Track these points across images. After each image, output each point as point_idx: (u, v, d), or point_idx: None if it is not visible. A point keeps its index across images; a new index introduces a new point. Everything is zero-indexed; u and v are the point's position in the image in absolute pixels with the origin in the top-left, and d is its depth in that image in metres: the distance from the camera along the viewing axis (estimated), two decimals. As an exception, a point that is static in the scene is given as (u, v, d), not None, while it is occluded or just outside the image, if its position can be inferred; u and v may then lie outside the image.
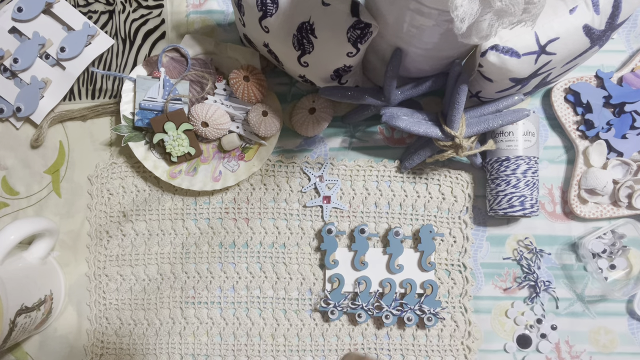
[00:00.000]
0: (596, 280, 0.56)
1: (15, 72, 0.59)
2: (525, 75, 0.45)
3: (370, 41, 0.45)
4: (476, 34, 0.34)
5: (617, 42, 0.58)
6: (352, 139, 0.59)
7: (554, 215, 0.57)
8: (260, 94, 0.54)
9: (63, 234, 0.58)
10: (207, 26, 0.60)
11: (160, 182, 0.58)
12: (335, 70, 0.49)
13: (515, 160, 0.52)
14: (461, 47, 0.45)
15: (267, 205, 0.57)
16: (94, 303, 0.57)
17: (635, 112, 0.54)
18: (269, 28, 0.47)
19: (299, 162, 0.58)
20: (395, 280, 0.55)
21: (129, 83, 0.57)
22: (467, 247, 0.56)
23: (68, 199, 0.59)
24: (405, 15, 0.40)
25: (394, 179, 0.57)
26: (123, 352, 0.56)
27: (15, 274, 0.50)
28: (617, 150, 0.55)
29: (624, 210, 0.55)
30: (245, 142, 0.57)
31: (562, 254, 0.57)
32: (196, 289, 0.57)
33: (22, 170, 0.60)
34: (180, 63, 0.57)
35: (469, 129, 0.50)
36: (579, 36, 0.43)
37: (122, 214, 0.58)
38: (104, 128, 0.60)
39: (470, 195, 0.57)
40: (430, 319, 0.54)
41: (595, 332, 0.55)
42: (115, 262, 0.58)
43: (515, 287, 0.56)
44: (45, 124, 0.59)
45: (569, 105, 0.56)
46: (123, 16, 0.61)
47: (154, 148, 0.57)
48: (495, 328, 0.56)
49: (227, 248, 0.57)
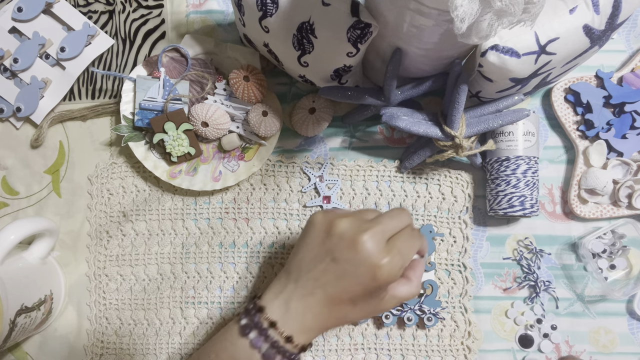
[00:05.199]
0: (596, 280, 0.56)
1: (15, 72, 0.59)
2: (525, 75, 0.45)
3: (370, 41, 0.45)
4: (476, 34, 0.34)
5: (617, 42, 0.58)
6: (352, 139, 0.59)
7: (554, 215, 0.57)
8: (260, 94, 0.54)
9: (63, 234, 0.58)
10: (207, 26, 0.60)
11: (160, 182, 0.58)
12: (335, 70, 0.49)
13: (515, 160, 0.52)
14: (461, 47, 0.45)
15: (267, 205, 0.57)
16: (94, 303, 0.57)
17: (635, 112, 0.54)
18: (269, 28, 0.47)
19: (299, 162, 0.58)
20: (395, 280, 0.55)
21: (129, 83, 0.57)
22: (467, 247, 0.56)
23: (68, 199, 0.59)
24: (405, 15, 0.40)
25: (394, 179, 0.57)
26: (123, 352, 0.56)
27: (15, 274, 0.50)
28: (617, 150, 0.55)
29: (624, 210, 0.55)
30: (245, 142, 0.57)
31: (562, 254, 0.57)
32: (196, 289, 0.57)
33: (22, 170, 0.60)
34: (180, 63, 0.57)
35: (469, 129, 0.50)
36: (579, 36, 0.43)
37: (122, 214, 0.58)
38: (104, 128, 0.60)
39: (470, 195, 0.57)
40: (430, 319, 0.54)
41: (595, 332, 0.55)
42: (115, 262, 0.58)
43: (515, 287, 0.56)
44: (45, 124, 0.59)
45: (569, 105, 0.56)
46: (123, 16, 0.61)
47: (154, 148, 0.57)
48: (495, 328, 0.56)
49: (227, 248, 0.57)
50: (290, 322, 0.40)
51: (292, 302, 0.40)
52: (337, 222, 0.40)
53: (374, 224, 0.40)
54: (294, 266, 0.41)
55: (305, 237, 0.42)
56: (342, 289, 0.39)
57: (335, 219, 0.40)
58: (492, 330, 0.56)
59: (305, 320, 0.40)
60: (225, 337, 0.41)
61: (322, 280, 0.39)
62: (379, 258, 0.38)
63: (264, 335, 0.39)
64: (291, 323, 0.40)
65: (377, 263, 0.38)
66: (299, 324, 0.40)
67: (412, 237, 0.41)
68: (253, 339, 0.39)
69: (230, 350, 0.40)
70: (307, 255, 0.41)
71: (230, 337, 0.40)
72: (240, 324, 0.40)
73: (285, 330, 0.39)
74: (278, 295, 0.41)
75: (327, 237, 0.40)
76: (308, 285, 0.40)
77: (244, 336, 0.39)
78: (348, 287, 0.39)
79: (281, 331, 0.39)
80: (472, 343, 0.55)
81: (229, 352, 0.40)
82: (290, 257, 0.43)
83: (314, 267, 0.40)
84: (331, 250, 0.39)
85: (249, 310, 0.41)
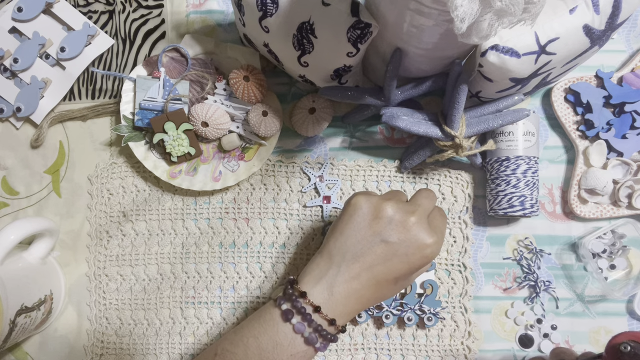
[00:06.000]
0: (596, 280, 0.56)
1: (15, 72, 0.59)
2: (525, 75, 0.45)
3: (370, 41, 0.45)
4: (476, 34, 0.34)
5: (617, 42, 0.58)
6: (352, 139, 0.59)
7: (554, 215, 0.57)
8: (260, 94, 0.54)
9: (63, 234, 0.58)
10: (207, 26, 0.60)
11: (160, 182, 0.58)
12: (335, 70, 0.49)
13: (515, 160, 0.52)
14: (461, 47, 0.45)
15: (267, 205, 0.57)
16: (94, 303, 0.57)
17: (635, 112, 0.54)
18: (269, 28, 0.47)
19: (299, 162, 0.58)
20: (395, 280, 0.55)
21: (129, 83, 0.57)
22: (467, 247, 0.56)
23: (68, 199, 0.59)
24: (405, 15, 0.40)
25: (394, 179, 0.57)
26: (123, 352, 0.56)
27: (15, 274, 0.50)
28: (617, 150, 0.55)
29: (624, 210, 0.55)
30: (245, 142, 0.57)
31: (562, 254, 0.57)
32: (196, 289, 0.57)
33: (22, 170, 0.60)
34: (180, 63, 0.57)
35: (469, 129, 0.50)
36: (579, 36, 0.43)
37: (122, 214, 0.58)
38: (104, 128, 0.60)
39: (470, 195, 0.57)
40: (430, 319, 0.54)
41: (596, 332, 0.55)
42: (115, 262, 0.58)
43: (515, 287, 0.56)
44: (45, 124, 0.59)
45: (569, 105, 0.56)
46: (123, 16, 0.61)
47: (154, 148, 0.57)
48: (495, 328, 0.56)
49: (227, 248, 0.57)
50: (333, 306, 0.40)
51: (335, 286, 0.40)
52: (384, 206, 0.41)
53: (416, 206, 0.42)
54: (337, 249, 0.42)
55: (350, 221, 0.42)
56: (389, 269, 0.41)
57: (381, 203, 0.42)
58: (492, 330, 0.56)
59: (348, 303, 0.41)
60: (264, 320, 0.41)
61: (370, 262, 0.41)
62: (428, 237, 0.41)
63: (308, 320, 0.40)
64: (334, 307, 0.40)
65: (426, 242, 0.41)
66: (342, 306, 0.41)
67: (443, 215, 0.45)
68: (296, 324, 0.40)
69: (271, 333, 0.40)
70: (352, 238, 0.41)
71: (270, 321, 0.41)
72: (281, 308, 0.40)
73: (329, 314, 0.40)
74: (320, 280, 0.41)
75: (375, 220, 0.41)
76: (354, 268, 0.41)
77: (287, 321, 0.40)
78: (396, 266, 0.41)
79: (325, 315, 0.40)
80: (472, 343, 0.55)
81: (269, 335, 0.40)
82: (330, 241, 0.43)
83: (361, 249, 0.41)
84: (380, 233, 0.41)
85: (289, 295, 0.41)
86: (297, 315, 0.40)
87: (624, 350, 0.35)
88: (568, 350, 0.47)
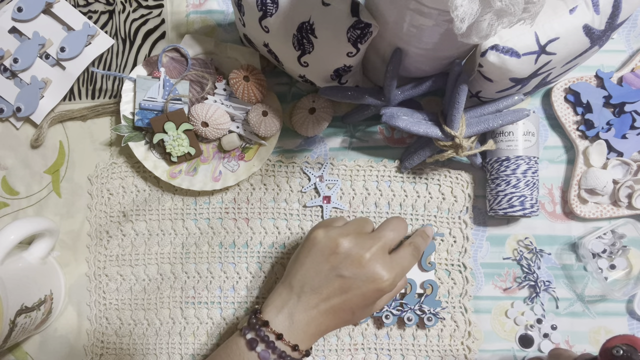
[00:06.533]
0: (596, 280, 0.56)
1: (15, 72, 0.59)
2: (525, 75, 0.45)
3: (370, 41, 0.45)
4: (476, 34, 0.34)
5: (617, 42, 0.58)
6: (352, 139, 0.59)
7: (554, 215, 0.57)
8: (260, 94, 0.54)
9: (63, 234, 0.58)
10: (207, 26, 0.60)
11: (160, 182, 0.58)
12: (335, 70, 0.49)
13: (515, 160, 0.52)
14: (461, 47, 0.45)
15: (267, 205, 0.57)
16: (94, 303, 0.57)
17: (635, 112, 0.54)
18: (269, 28, 0.47)
19: (299, 162, 0.58)
20: (395, 280, 0.55)
21: (129, 83, 0.57)
22: (467, 247, 0.56)
23: (68, 199, 0.59)
24: (405, 15, 0.40)
25: (394, 179, 0.57)
26: (123, 352, 0.56)
27: (15, 274, 0.50)
28: (617, 150, 0.55)
29: (624, 210, 0.55)
30: (245, 142, 0.57)
31: (562, 254, 0.57)
32: (196, 289, 0.57)
33: (22, 170, 0.60)
34: (180, 63, 0.57)
35: (469, 129, 0.50)
36: (579, 36, 0.43)
37: (122, 214, 0.58)
38: (104, 128, 0.60)
39: (470, 195, 0.57)
40: (430, 319, 0.54)
41: (596, 332, 0.55)
42: (115, 262, 0.58)
43: (515, 287, 0.56)
44: (45, 124, 0.59)
45: (569, 105, 0.56)
46: (123, 16, 0.61)
47: (154, 148, 0.57)
48: (495, 328, 0.56)
49: (227, 248, 0.57)
50: (295, 333, 0.42)
51: (295, 314, 0.43)
52: (341, 241, 0.43)
53: (376, 240, 0.44)
54: (296, 281, 0.44)
55: (308, 254, 0.44)
56: (345, 301, 0.43)
57: (338, 238, 0.43)
58: (492, 330, 0.56)
59: (309, 329, 0.43)
60: (231, 350, 0.43)
61: (327, 294, 0.43)
62: (384, 272, 0.42)
63: (272, 348, 0.42)
64: (296, 333, 0.42)
65: (381, 278, 0.42)
66: (303, 333, 0.43)
67: (412, 255, 0.46)
68: (261, 352, 0.42)
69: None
70: (310, 271, 0.44)
71: (237, 351, 0.43)
72: (246, 338, 0.42)
73: (291, 340, 0.42)
74: (281, 309, 0.43)
75: (332, 255, 0.43)
76: (312, 299, 0.43)
77: (252, 350, 0.42)
78: (351, 299, 0.43)
79: (287, 341, 0.42)
80: (472, 343, 0.55)
81: None
82: (292, 272, 0.45)
83: (318, 282, 0.43)
84: (337, 267, 0.43)
85: (253, 325, 0.43)
86: (261, 344, 0.42)
87: (617, 354, 0.35)
88: (566, 351, 0.47)
